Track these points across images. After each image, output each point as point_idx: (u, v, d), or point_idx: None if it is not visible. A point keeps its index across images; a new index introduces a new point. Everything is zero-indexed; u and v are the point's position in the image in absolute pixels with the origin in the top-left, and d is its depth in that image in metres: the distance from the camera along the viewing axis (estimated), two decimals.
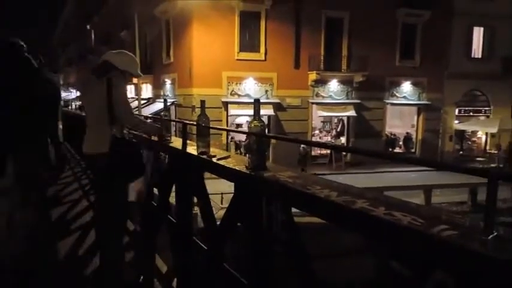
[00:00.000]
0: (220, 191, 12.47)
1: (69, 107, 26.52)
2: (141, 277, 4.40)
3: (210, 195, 3.51)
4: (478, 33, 28.16)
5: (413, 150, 27.85)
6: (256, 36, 23.69)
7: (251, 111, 2.93)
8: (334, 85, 25.36)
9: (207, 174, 3.41)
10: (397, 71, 26.36)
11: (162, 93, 27.61)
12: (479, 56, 28.32)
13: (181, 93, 24.66)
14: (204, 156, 3.50)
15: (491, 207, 1.69)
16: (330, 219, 2.17)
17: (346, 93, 25.49)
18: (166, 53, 26.71)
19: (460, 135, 28.80)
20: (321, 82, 24.79)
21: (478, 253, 1.60)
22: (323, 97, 25.28)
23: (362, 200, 2.15)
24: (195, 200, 3.74)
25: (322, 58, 24.45)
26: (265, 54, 23.78)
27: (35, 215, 4.07)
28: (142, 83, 29.70)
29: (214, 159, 3.34)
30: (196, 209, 4.09)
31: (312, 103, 25.10)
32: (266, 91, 24.27)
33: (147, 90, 30.88)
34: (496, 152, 26.47)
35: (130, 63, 3.90)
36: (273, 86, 24.21)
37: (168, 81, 26.96)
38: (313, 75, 24.44)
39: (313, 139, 25.16)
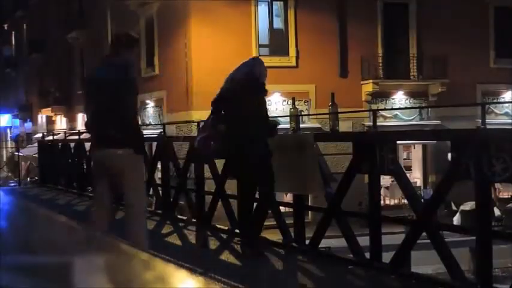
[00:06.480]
0: None
1: None
2: None
3: None
4: None
5: None
6: (283, 33, 19.71)
7: None
8: (400, 99, 21.01)
9: None
10: (492, 75, 21.23)
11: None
12: None
13: (173, 120, 19.40)
14: None
15: None
16: None
17: (419, 111, 20.83)
18: (147, 62, 22.04)
19: None
20: (381, 95, 20.55)
21: None
22: (385, 118, 19.88)
23: None
24: None
25: (380, 60, 20.32)
26: (297, 58, 19.65)
27: None
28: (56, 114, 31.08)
29: None
30: None
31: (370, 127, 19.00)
32: (300, 112, 17.65)
33: (61, 123, 31.00)
34: None
35: None
36: (309, 104, 19.65)
37: (150, 103, 22.16)
38: (368, 86, 20.06)
39: None
